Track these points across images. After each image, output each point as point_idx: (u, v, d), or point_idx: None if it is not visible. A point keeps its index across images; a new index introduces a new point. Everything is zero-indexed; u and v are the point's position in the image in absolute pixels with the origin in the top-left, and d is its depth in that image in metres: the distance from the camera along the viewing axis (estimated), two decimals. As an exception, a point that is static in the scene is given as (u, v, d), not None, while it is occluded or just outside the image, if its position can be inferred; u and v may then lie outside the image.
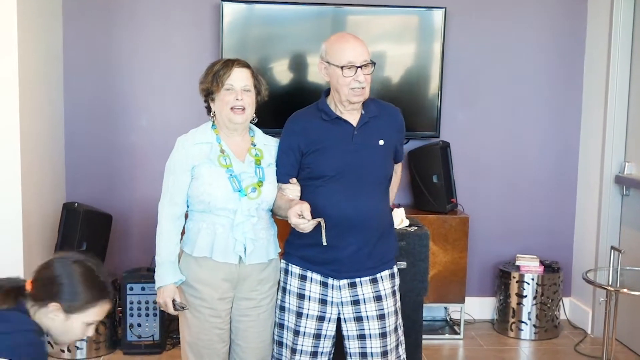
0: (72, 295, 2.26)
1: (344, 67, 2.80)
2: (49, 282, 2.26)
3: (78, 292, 2.26)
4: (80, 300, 2.26)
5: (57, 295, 2.24)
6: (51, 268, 2.29)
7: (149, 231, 4.45)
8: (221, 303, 2.85)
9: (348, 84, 2.80)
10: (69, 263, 2.30)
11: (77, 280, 2.27)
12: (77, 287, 2.26)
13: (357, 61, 2.80)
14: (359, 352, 2.92)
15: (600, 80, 4.87)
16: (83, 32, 4.82)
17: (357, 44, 2.83)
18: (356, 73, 2.79)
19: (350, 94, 2.82)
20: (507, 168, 5.16)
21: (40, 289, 2.26)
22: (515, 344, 4.78)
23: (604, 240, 4.81)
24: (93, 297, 2.29)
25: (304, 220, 2.68)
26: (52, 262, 2.32)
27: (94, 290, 2.30)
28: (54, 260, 2.32)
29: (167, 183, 2.88)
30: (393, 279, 2.97)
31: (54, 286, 2.25)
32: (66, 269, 2.28)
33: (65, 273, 2.27)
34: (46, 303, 2.23)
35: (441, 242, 4.70)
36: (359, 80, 2.80)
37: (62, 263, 2.30)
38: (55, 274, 2.27)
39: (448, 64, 4.96)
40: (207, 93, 2.89)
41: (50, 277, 2.26)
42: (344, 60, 2.80)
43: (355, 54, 2.80)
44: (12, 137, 4.05)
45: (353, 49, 2.81)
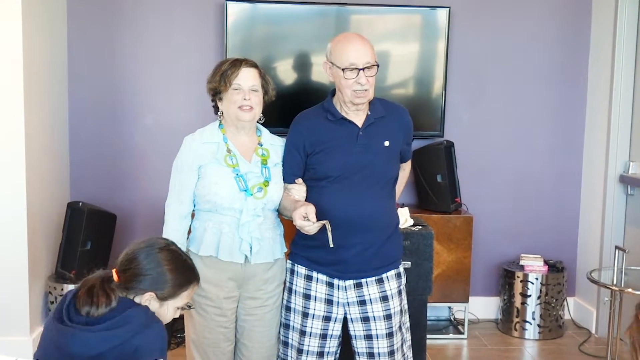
0: (164, 284, 2.32)
1: (346, 69, 2.78)
2: (139, 273, 2.29)
3: (169, 280, 2.32)
4: (173, 288, 2.32)
5: (151, 286, 2.29)
6: (137, 260, 2.31)
7: (153, 230, 4.45)
8: (227, 302, 2.85)
9: (350, 86, 2.79)
10: (154, 252, 2.33)
11: (167, 269, 2.32)
12: (167, 276, 2.32)
13: (360, 63, 2.78)
14: (366, 351, 2.92)
15: (605, 79, 4.87)
16: (87, 32, 4.83)
17: (360, 46, 2.80)
18: (358, 75, 2.77)
19: (353, 95, 2.81)
20: (511, 167, 5.16)
21: (132, 280, 2.29)
22: (520, 343, 4.77)
23: (608, 239, 4.81)
24: (184, 282, 2.36)
25: (309, 223, 2.67)
26: (136, 253, 2.33)
27: (184, 276, 2.36)
28: (138, 252, 2.33)
29: (174, 182, 2.88)
30: (399, 279, 2.97)
31: (146, 278, 2.29)
32: (153, 259, 2.31)
33: (154, 264, 2.31)
34: (140, 292, 2.28)
35: (445, 242, 4.70)
36: (360, 82, 2.78)
37: (148, 253, 2.32)
38: (143, 266, 2.30)
39: (452, 63, 4.96)
40: (214, 92, 2.89)
41: (139, 270, 2.29)
42: (346, 62, 2.78)
43: (358, 55, 2.78)
44: (17, 137, 4.06)
45: (356, 50, 2.79)
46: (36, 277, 4.30)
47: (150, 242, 2.38)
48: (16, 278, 4.14)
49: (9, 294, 4.14)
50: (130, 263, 2.32)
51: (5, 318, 4.16)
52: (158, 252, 2.34)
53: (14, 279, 4.14)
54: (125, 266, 2.32)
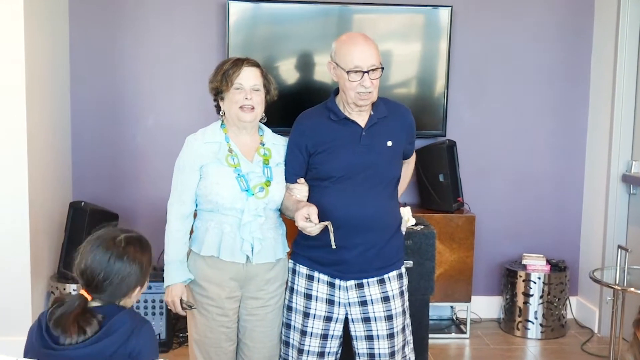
0: (146, 273, 2.28)
1: (350, 71, 2.77)
2: (121, 281, 2.19)
3: (147, 267, 2.27)
4: (147, 271, 2.28)
5: (136, 283, 2.23)
6: (110, 270, 2.17)
7: (155, 230, 4.45)
8: (229, 302, 2.85)
9: (354, 88, 2.78)
10: (115, 257, 2.19)
11: (140, 261, 2.23)
12: (144, 265, 2.25)
13: (364, 66, 2.76)
14: (367, 352, 2.92)
15: (607, 78, 4.86)
16: (89, 33, 4.83)
17: (366, 48, 2.78)
18: (362, 78, 2.76)
19: (357, 97, 2.80)
20: (513, 167, 5.15)
21: (116, 293, 2.20)
22: (522, 343, 4.77)
23: (611, 239, 4.80)
24: (149, 259, 2.30)
25: (311, 224, 2.67)
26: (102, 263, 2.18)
27: (147, 255, 2.29)
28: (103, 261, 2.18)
29: (176, 182, 2.88)
30: (401, 279, 2.96)
31: (129, 280, 2.20)
32: (119, 264, 2.19)
33: (129, 264, 2.20)
34: (127, 294, 2.23)
35: (447, 241, 4.70)
36: (364, 85, 2.77)
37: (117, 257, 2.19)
38: (121, 272, 2.19)
39: (454, 63, 4.96)
40: (216, 92, 2.88)
41: (118, 278, 2.18)
42: (350, 65, 2.77)
43: (363, 57, 2.76)
44: (19, 138, 4.07)
45: (361, 52, 2.77)
46: (38, 277, 4.30)
47: (105, 244, 2.21)
48: (18, 278, 4.14)
49: (11, 294, 4.14)
50: (103, 276, 2.18)
51: (7, 318, 4.16)
52: (119, 255, 2.20)
53: (16, 279, 4.14)
54: (98, 281, 2.18)
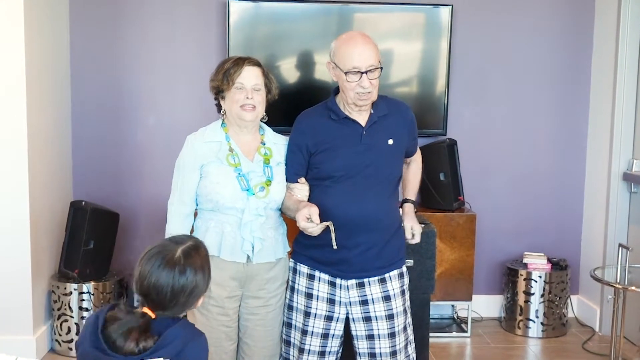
0: (205, 282, 2.21)
1: (349, 72, 2.76)
2: (189, 296, 2.15)
3: (204, 276, 2.20)
4: (208, 277, 2.23)
5: (199, 294, 2.19)
6: (177, 289, 2.12)
7: (156, 229, 4.48)
8: (229, 301, 2.85)
9: (353, 89, 2.78)
10: (177, 272, 2.13)
11: (199, 272, 2.17)
12: (201, 275, 2.18)
13: (363, 67, 2.76)
14: (368, 352, 2.91)
15: (608, 77, 4.86)
16: (89, 31, 4.82)
17: (364, 48, 2.78)
18: (361, 78, 2.76)
19: (356, 97, 2.80)
20: (514, 166, 5.15)
21: (180, 306, 2.16)
22: (523, 341, 4.77)
23: (612, 237, 4.80)
24: (207, 263, 2.25)
25: (312, 224, 2.67)
26: (166, 284, 2.12)
27: (205, 260, 2.24)
28: (166, 282, 2.12)
29: (176, 181, 2.88)
30: (402, 279, 2.96)
31: (193, 294, 2.16)
32: (182, 277, 2.13)
33: (188, 279, 2.14)
34: (193, 304, 2.20)
35: (448, 240, 4.70)
36: (363, 86, 2.76)
37: (175, 278, 2.13)
38: (189, 290, 2.14)
39: (455, 62, 4.96)
40: (217, 91, 2.88)
41: (186, 295, 2.14)
42: (348, 65, 2.76)
43: (361, 58, 2.76)
44: (20, 136, 4.07)
45: (359, 53, 2.76)
46: (39, 277, 4.30)
47: (165, 263, 2.14)
48: (19, 277, 4.14)
49: (12, 293, 4.14)
50: (170, 296, 2.12)
51: (8, 317, 4.16)
52: (181, 269, 2.14)
53: (16, 278, 4.14)
54: (164, 300, 2.13)
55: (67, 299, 4.32)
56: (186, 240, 2.24)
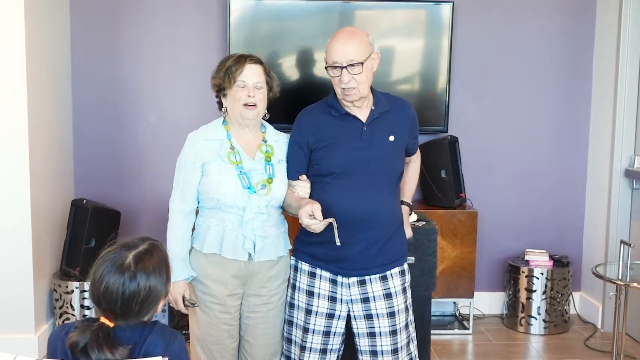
0: (162, 283, 2.12)
1: (329, 67, 2.78)
2: (144, 302, 2.07)
3: (161, 278, 2.12)
4: (166, 278, 2.14)
5: (158, 298, 2.12)
6: (131, 296, 2.05)
7: (157, 227, 4.47)
8: (230, 299, 2.84)
9: (337, 84, 2.78)
10: (128, 279, 2.05)
11: (153, 276, 2.10)
12: (157, 278, 2.10)
13: (343, 61, 2.75)
14: (369, 349, 2.91)
15: (610, 73, 4.85)
16: (90, 29, 4.82)
17: (346, 43, 2.76)
18: (342, 74, 2.75)
19: (342, 93, 2.80)
20: (516, 162, 5.14)
21: (139, 312, 2.08)
22: (525, 338, 4.76)
23: (614, 234, 4.80)
24: (164, 265, 2.16)
25: (315, 221, 2.66)
26: (120, 292, 2.04)
27: (162, 263, 2.15)
28: (119, 290, 2.04)
29: (177, 179, 2.88)
30: (403, 276, 2.95)
31: (149, 299, 2.08)
32: (134, 283, 2.05)
33: (142, 285, 2.06)
34: (154, 309, 2.13)
35: (450, 237, 4.69)
36: (343, 81, 2.75)
37: (127, 285, 2.05)
38: (142, 295, 2.06)
39: (456, 59, 4.95)
40: (219, 89, 2.87)
41: (141, 301, 2.06)
42: (329, 60, 2.78)
43: (340, 54, 2.75)
44: (21, 135, 4.07)
45: (338, 48, 2.76)
46: (41, 275, 4.30)
47: (115, 270, 2.05)
48: (21, 276, 4.15)
49: (14, 292, 4.15)
50: (121, 304, 2.04)
51: (10, 316, 4.16)
52: (132, 275, 2.05)
53: (18, 277, 4.14)
54: (117, 309, 2.05)
55: (69, 297, 4.32)
56: (139, 244, 2.15)
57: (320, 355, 2.91)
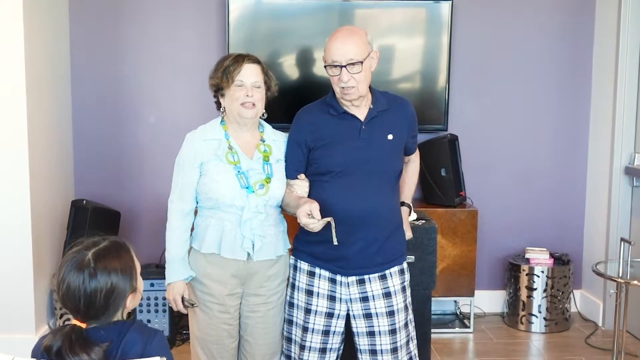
0: (125, 281, 2.08)
1: (328, 66, 2.77)
2: (106, 302, 2.04)
3: (124, 276, 2.08)
4: (129, 275, 2.10)
5: (122, 295, 2.08)
6: (89, 297, 2.03)
7: (157, 227, 4.46)
8: (230, 299, 2.84)
9: (336, 83, 2.78)
10: (87, 278, 2.04)
11: (114, 274, 2.07)
12: (119, 276, 2.07)
13: (342, 60, 2.74)
14: (368, 348, 2.91)
15: (610, 70, 4.84)
16: (89, 29, 4.82)
17: (345, 42, 2.76)
18: (341, 72, 2.75)
19: (341, 92, 2.79)
20: (516, 160, 5.14)
21: (106, 312, 2.06)
22: (526, 337, 4.76)
23: (614, 232, 4.79)
24: (128, 261, 2.14)
25: (313, 220, 2.66)
26: (81, 293, 2.03)
27: (123, 259, 2.12)
28: (80, 291, 2.03)
29: (176, 179, 2.88)
30: (402, 275, 2.95)
31: (111, 297, 2.05)
32: (94, 282, 2.04)
33: (102, 284, 2.04)
34: (121, 306, 2.09)
35: (450, 236, 4.69)
36: (342, 79, 2.75)
37: (86, 284, 2.03)
38: (102, 295, 2.04)
39: (455, 57, 4.95)
40: (217, 89, 2.87)
41: (102, 300, 2.04)
42: (328, 59, 2.77)
43: (341, 52, 2.74)
44: (20, 135, 4.07)
45: (338, 48, 2.75)
46: (41, 275, 4.30)
47: (74, 269, 2.05)
48: (21, 276, 4.15)
49: (14, 292, 4.15)
50: (84, 302, 2.03)
51: (10, 316, 4.16)
52: (92, 274, 2.04)
53: (19, 278, 4.14)
54: (83, 308, 2.04)
55: (69, 298, 4.32)
56: (100, 242, 2.14)
57: (320, 355, 2.91)
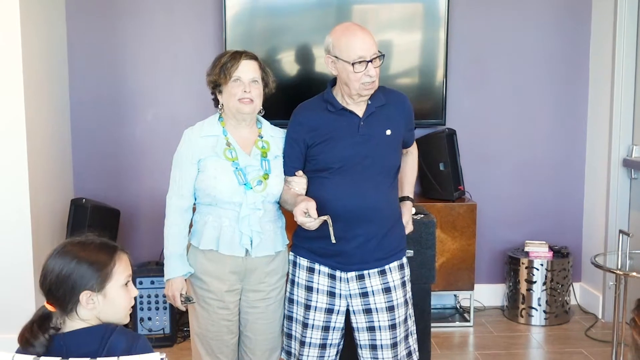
0: (87, 275, 2.06)
1: (355, 62, 2.75)
2: (60, 285, 2.05)
3: (88, 269, 2.06)
4: (97, 272, 2.07)
5: (79, 287, 2.05)
6: (49, 274, 2.07)
7: (156, 225, 4.46)
8: (229, 295, 2.85)
9: (359, 79, 2.76)
10: (56, 256, 2.08)
11: (78, 261, 2.06)
12: (83, 266, 2.06)
13: (368, 55, 2.75)
14: (369, 343, 2.92)
15: (607, 63, 4.85)
16: (86, 27, 4.82)
17: (365, 38, 2.77)
18: (367, 67, 2.75)
19: (362, 88, 2.78)
20: (514, 154, 5.14)
21: (61, 298, 2.06)
22: (526, 330, 4.77)
23: (613, 224, 4.80)
24: (105, 261, 2.10)
25: (310, 219, 2.66)
26: (46, 269, 2.08)
27: (99, 255, 2.11)
28: (46, 267, 2.09)
29: (174, 176, 2.88)
30: (402, 270, 2.96)
31: (68, 283, 2.04)
32: (59, 262, 2.06)
33: (64, 266, 2.05)
34: (76, 302, 2.05)
35: (449, 230, 4.70)
36: (370, 74, 2.76)
37: (52, 262, 2.07)
38: (60, 275, 2.05)
39: (452, 52, 4.95)
40: (214, 85, 2.88)
41: (57, 282, 2.06)
42: (354, 56, 2.75)
43: (365, 48, 2.75)
44: (19, 135, 4.07)
45: (362, 43, 2.76)
46: (42, 274, 4.31)
47: (52, 252, 2.12)
48: (21, 275, 4.15)
49: (15, 292, 4.15)
50: (46, 282, 2.07)
51: (11, 316, 4.15)
52: (57, 255, 2.08)
53: (19, 277, 4.15)
54: (46, 287, 2.08)
55: (70, 296, 4.33)
56: (91, 236, 2.17)
57: (320, 350, 2.92)
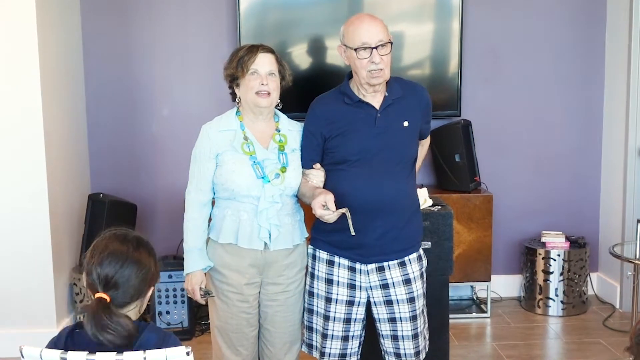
0: (155, 272, 2.13)
1: (358, 48, 2.75)
2: (138, 274, 2.06)
3: (152, 272, 2.11)
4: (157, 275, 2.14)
5: (152, 282, 2.11)
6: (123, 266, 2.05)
7: (174, 219, 4.50)
8: (248, 288, 2.86)
9: (365, 67, 2.76)
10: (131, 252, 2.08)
11: (153, 261, 2.12)
12: (152, 265, 2.11)
13: (372, 42, 2.74)
14: (390, 334, 2.92)
15: (622, 51, 4.82)
16: (100, 24, 4.84)
17: (372, 24, 2.77)
18: (371, 54, 2.75)
19: (368, 76, 2.78)
20: (529, 144, 5.13)
21: (133, 282, 2.05)
22: (543, 320, 4.77)
23: (630, 213, 4.78)
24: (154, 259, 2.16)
25: (328, 212, 2.66)
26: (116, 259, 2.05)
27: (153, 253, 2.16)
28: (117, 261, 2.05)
29: (193, 171, 2.89)
30: (421, 262, 2.96)
31: (145, 274, 2.08)
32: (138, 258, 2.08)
33: (143, 262, 2.08)
34: (145, 293, 2.10)
35: (465, 221, 4.69)
36: (374, 61, 2.74)
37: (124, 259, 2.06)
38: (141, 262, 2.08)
39: (467, 42, 4.93)
40: (232, 79, 2.88)
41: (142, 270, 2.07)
42: (358, 42, 2.75)
43: (370, 34, 2.75)
44: (36, 131, 4.09)
45: (367, 29, 2.76)
46: (60, 270, 4.34)
47: (119, 240, 2.12)
48: (41, 271, 4.18)
49: (35, 287, 4.19)
50: (117, 274, 2.05)
51: (31, 310, 4.21)
52: (138, 244, 2.12)
53: (39, 272, 4.18)
54: (127, 275, 2.06)
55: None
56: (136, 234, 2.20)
57: (342, 343, 2.92)
